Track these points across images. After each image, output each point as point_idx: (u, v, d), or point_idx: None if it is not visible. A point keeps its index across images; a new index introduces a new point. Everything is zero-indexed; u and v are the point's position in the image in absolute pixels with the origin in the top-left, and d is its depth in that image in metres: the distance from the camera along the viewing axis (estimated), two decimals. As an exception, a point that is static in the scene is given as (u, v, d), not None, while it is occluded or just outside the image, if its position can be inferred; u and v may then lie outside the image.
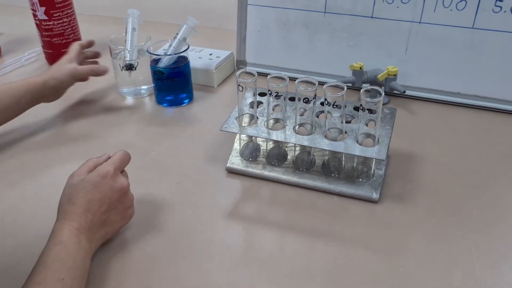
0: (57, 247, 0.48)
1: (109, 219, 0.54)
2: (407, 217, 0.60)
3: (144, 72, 0.87)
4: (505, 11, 0.75)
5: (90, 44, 0.88)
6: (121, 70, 0.86)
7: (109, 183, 0.54)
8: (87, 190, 0.53)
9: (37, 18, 0.98)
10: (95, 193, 0.53)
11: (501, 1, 0.75)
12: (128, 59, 0.86)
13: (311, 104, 0.62)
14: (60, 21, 0.98)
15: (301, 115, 0.64)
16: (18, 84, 0.74)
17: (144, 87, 0.90)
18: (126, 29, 0.88)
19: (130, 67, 0.85)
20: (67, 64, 0.79)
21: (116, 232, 0.57)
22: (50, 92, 0.77)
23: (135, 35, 0.88)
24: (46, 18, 0.97)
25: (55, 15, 0.97)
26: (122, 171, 0.58)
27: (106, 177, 0.54)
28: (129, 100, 0.89)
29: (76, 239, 0.49)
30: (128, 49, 0.87)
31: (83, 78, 0.82)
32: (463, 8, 0.78)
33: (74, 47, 0.85)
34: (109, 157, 0.58)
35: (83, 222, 0.51)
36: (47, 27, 0.98)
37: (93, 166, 0.56)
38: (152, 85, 0.86)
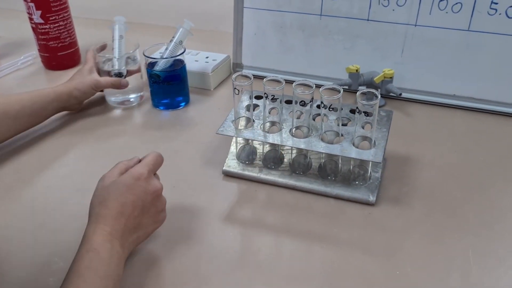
0: (90, 253, 0.47)
1: (142, 223, 0.53)
2: (404, 219, 0.60)
3: (132, 81, 0.85)
4: (500, 14, 0.75)
5: (103, 48, 0.87)
6: None
7: (143, 185, 0.52)
8: (120, 192, 0.51)
9: (33, 22, 0.98)
10: (129, 195, 0.51)
11: (496, 3, 0.75)
12: (117, 68, 0.85)
13: (307, 107, 0.62)
14: (56, 25, 0.98)
15: (298, 118, 0.64)
16: (46, 92, 0.78)
17: (133, 95, 0.88)
18: (113, 36, 0.86)
19: (119, 75, 0.84)
20: (88, 75, 0.82)
21: (147, 236, 0.55)
22: (74, 101, 0.81)
23: (122, 43, 0.86)
24: (42, 21, 0.97)
25: (51, 18, 0.97)
26: (155, 174, 0.57)
27: (140, 179, 0.52)
28: (118, 109, 0.87)
29: (109, 244, 0.48)
30: (117, 57, 0.85)
31: (104, 88, 0.85)
32: (459, 11, 0.78)
33: (90, 55, 0.86)
34: (139, 160, 0.57)
35: (117, 226, 0.49)
36: (43, 30, 0.98)
37: (124, 169, 0.54)
38: (141, 93, 0.86)
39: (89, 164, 0.73)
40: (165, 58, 0.83)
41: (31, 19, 0.97)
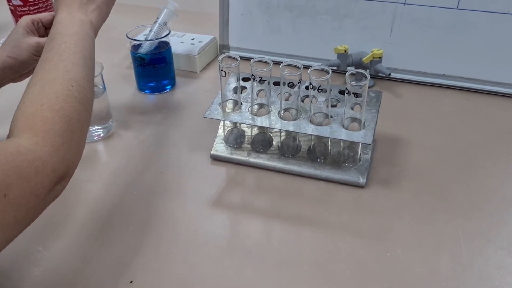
0: (56, 26, 0.55)
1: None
2: (393, 201, 0.60)
3: (96, 108, 0.66)
4: (490, -9, 0.74)
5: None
6: None
7: None
8: None
9: (11, 4, 0.94)
10: None
11: (486, -20, 0.74)
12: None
13: (296, 89, 0.61)
14: (36, 7, 0.95)
15: (286, 100, 0.63)
16: None
17: (97, 127, 0.72)
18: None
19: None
20: (24, 36, 0.62)
21: (108, 7, 0.62)
22: (11, 74, 0.63)
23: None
24: (21, 3, 0.94)
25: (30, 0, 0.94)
26: None
27: None
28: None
29: (69, 16, 0.56)
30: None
31: None
32: (448, -11, 0.77)
33: (25, 17, 0.66)
34: None
35: (72, 5, 0.58)
36: (22, 13, 0.95)
37: None
38: (110, 122, 0.74)
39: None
40: (150, 40, 0.81)
41: (9, 0, 0.94)
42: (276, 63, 0.62)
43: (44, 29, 0.66)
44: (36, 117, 0.44)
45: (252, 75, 0.61)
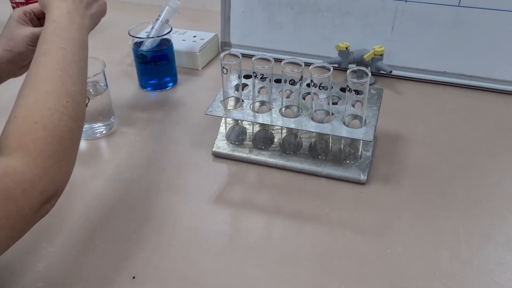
0: (52, 24, 0.53)
1: (91, 4, 0.59)
2: (394, 198, 0.60)
3: (97, 105, 0.71)
4: (491, -11, 0.75)
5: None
6: None
7: None
8: None
9: (13, 1, 0.95)
10: None
11: (487, -22, 0.74)
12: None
13: (297, 86, 0.61)
14: (38, 4, 0.95)
15: (287, 97, 0.64)
16: None
17: (100, 124, 0.73)
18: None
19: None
20: (18, 27, 0.60)
21: (105, 8, 0.62)
22: (9, 68, 0.61)
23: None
24: (23, 0, 0.94)
25: (32, -3, 0.94)
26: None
27: None
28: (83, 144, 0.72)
29: (68, 15, 0.54)
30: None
31: None
32: (449, -14, 0.77)
33: (17, 9, 0.64)
34: None
35: (71, 4, 0.55)
36: (24, 10, 0.95)
37: None
38: (113, 119, 0.75)
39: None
40: (152, 37, 0.82)
41: (11, -2, 0.95)
42: (278, 60, 0.62)
43: (37, 19, 0.64)
44: (28, 136, 0.43)
45: (254, 72, 0.62)
